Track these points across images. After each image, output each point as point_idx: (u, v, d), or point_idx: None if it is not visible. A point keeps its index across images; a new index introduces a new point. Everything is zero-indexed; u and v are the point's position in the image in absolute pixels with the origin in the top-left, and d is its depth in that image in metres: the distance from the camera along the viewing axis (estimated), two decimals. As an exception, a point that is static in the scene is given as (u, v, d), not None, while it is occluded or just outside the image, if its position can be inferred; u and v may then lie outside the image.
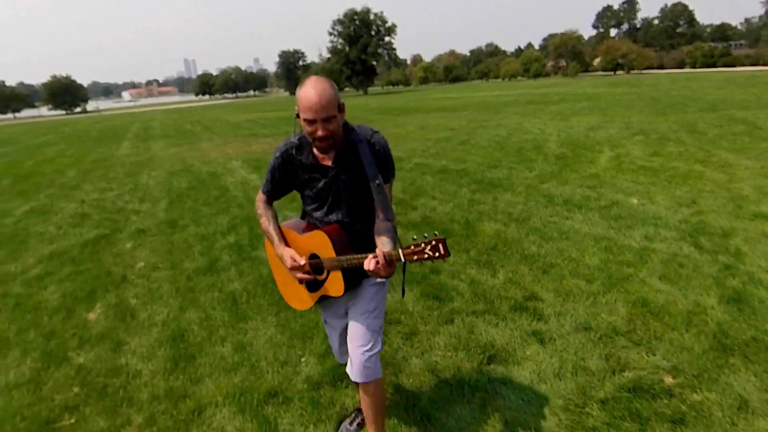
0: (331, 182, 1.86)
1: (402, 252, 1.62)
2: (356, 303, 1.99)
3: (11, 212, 7.69)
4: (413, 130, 14.74)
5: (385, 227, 1.85)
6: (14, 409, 2.67)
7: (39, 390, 2.84)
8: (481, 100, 27.88)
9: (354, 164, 1.83)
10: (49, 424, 2.53)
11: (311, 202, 1.94)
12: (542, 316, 3.17)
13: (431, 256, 1.56)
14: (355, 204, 1.88)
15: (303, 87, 1.69)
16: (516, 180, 7.03)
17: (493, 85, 67.71)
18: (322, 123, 1.68)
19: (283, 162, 1.91)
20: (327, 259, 1.84)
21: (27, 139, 26.72)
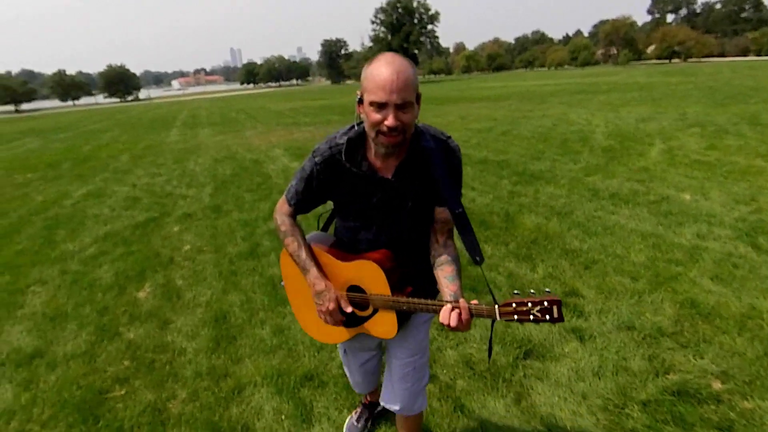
0: (388, 199, 1.46)
1: (499, 310, 1.28)
2: (404, 343, 1.66)
3: (70, 194, 8.17)
4: (454, 120, 14.55)
5: (448, 256, 1.49)
6: (71, 378, 2.87)
7: (93, 362, 3.03)
8: (524, 90, 27.15)
9: (421, 179, 1.44)
10: (102, 393, 2.70)
11: (354, 219, 1.54)
12: (583, 313, 3.09)
13: (538, 319, 1.25)
14: (413, 228, 1.51)
15: (374, 62, 1.30)
16: (559, 172, 6.82)
17: (538, 74, 65.72)
18: (395, 110, 1.27)
19: (324, 170, 1.46)
20: (378, 296, 1.46)
21: (85, 125, 28.23)
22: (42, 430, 2.45)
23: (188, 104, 48.26)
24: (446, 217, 1.51)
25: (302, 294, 1.66)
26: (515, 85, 34.94)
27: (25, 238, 5.84)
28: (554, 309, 1.24)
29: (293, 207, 1.59)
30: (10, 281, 4.47)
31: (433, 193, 1.46)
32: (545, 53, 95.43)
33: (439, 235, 1.53)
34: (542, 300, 1.24)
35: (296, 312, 1.75)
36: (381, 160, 1.43)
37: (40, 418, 2.54)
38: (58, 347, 3.23)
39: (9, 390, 2.80)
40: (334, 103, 28.61)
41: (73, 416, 2.51)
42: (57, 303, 3.93)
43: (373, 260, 1.45)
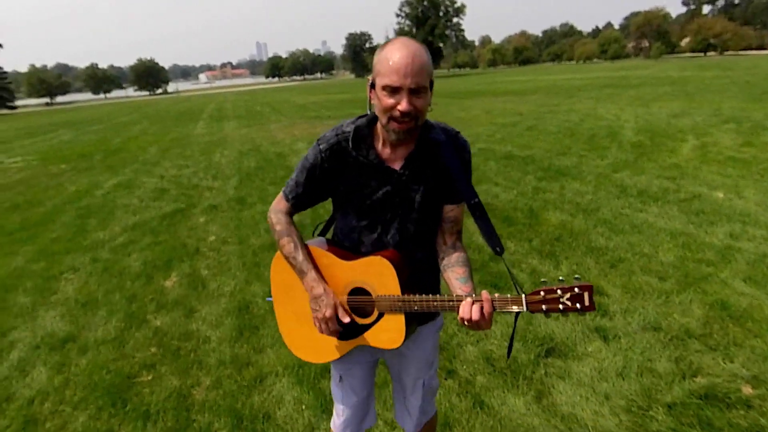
0: (396, 192, 1.36)
1: (526, 300, 1.19)
2: (414, 358, 1.54)
3: (101, 185, 8.42)
4: (479, 114, 14.39)
5: (459, 258, 1.40)
6: (101, 362, 2.97)
7: (122, 347, 3.13)
8: (551, 84, 26.63)
9: (431, 171, 1.36)
10: (130, 378, 2.79)
11: (357, 216, 1.40)
12: (607, 312, 3.03)
13: (569, 308, 1.15)
14: (422, 224, 1.40)
15: (388, 45, 1.24)
16: (586, 168, 6.68)
17: (565, 67, 64.35)
18: (409, 94, 1.20)
19: (330, 158, 1.36)
20: (386, 297, 1.32)
21: (115, 117, 28.99)
22: (74, 411, 2.55)
23: (215, 97, 49.01)
24: (456, 216, 1.43)
25: (294, 305, 1.47)
26: (542, 79, 34.30)
27: (59, 226, 6.05)
28: (585, 296, 1.15)
29: (291, 202, 1.46)
30: (45, 267, 4.65)
31: (444, 186, 1.37)
32: (573, 46, 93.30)
33: (448, 236, 1.43)
34: (572, 287, 1.15)
35: (284, 328, 1.52)
36: (390, 151, 1.35)
37: (72, 400, 2.64)
38: (89, 333, 3.35)
39: (43, 372, 2.92)
40: (356, 96, 28.63)
41: (103, 399, 2.61)
42: (88, 290, 4.06)
43: (383, 257, 1.32)
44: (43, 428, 2.44)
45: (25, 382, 2.85)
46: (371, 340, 1.38)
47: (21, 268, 4.68)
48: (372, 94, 1.29)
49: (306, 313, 1.44)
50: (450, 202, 1.41)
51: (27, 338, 3.34)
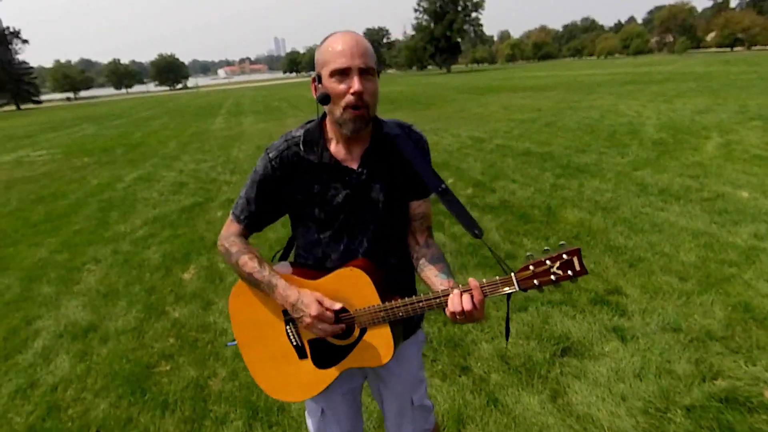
0: (356, 194, 1.26)
1: (516, 278, 1.12)
2: (397, 377, 1.42)
3: (123, 178, 8.59)
4: (496, 110, 14.25)
5: (433, 255, 1.33)
6: (122, 352, 3.04)
7: (141, 337, 3.20)
8: (571, 80, 26.22)
9: (390, 166, 1.28)
10: (149, 368, 2.85)
11: (319, 228, 1.30)
12: (625, 312, 2.98)
13: (561, 277, 1.10)
14: (390, 227, 1.31)
15: (328, 38, 1.21)
16: (606, 166, 6.57)
17: (586, 63, 63.28)
18: (360, 76, 1.15)
19: (281, 166, 1.26)
20: (365, 310, 1.21)
21: (137, 112, 29.49)
22: (95, 398, 2.61)
23: (233, 93, 49.47)
24: (424, 211, 1.36)
25: (265, 343, 1.32)
26: (562, 74, 33.78)
27: (81, 218, 6.20)
28: (575, 261, 1.09)
29: (244, 223, 1.33)
30: (68, 258, 4.77)
31: (406, 181, 1.30)
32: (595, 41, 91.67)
33: (419, 235, 1.36)
34: (560, 254, 1.09)
35: (257, 371, 1.36)
36: (345, 150, 1.26)
37: (93, 388, 2.71)
38: (110, 322, 3.43)
39: (66, 360, 3.00)
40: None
41: (123, 388, 2.67)
42: (109, 281, 4.16)
43: (354, 266, 1.22)
44: (66, 414, 2.51)
45: (48, 369, 2.93)
46: (358, 361, 1.26)
47: (45, 259, 4.81)
48: (316, 92, 1.22)
49: (281, 349, 1.30)
50: (416, 197, 1.34)
51: (51, 327, 3.44)
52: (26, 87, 67.85)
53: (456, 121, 12.23)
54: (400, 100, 21.40)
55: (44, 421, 2.46)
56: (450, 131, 10.71)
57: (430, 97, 22.03)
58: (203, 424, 2.36)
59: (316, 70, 1.22)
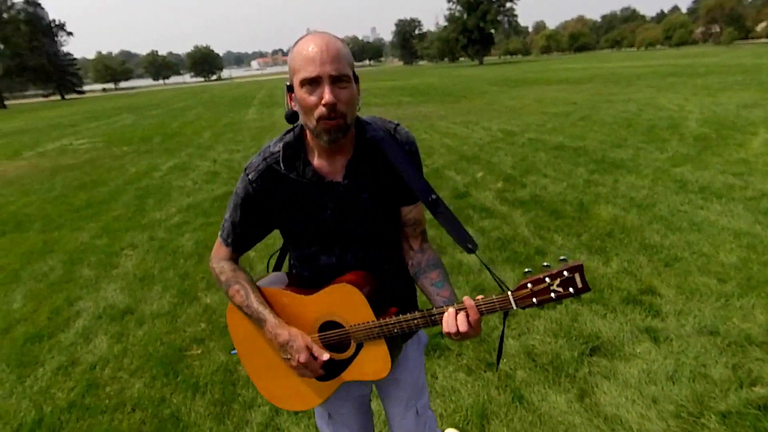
0: (343, 208, 1.21)
1: (513, 297, 1.07)
2: (398, 382, 1.39)
3: (159, 167, 8.86)
4: (529, 103, 13.96)
5: (429, 260, 1.28)
6: (156, 335, 3.15)
7: (174, 321, 3.31)
8: (609, 72, 25.39)
9: (377, 175, 1.21)
10: (181, 351, 2.95)
11: (308, 243, 1.26)
12: (659, 313, 2.89)
13: (562, 295, 1.05)
14: (380, 236, 1.26)
15: (299, 41, 1.12)
16: (643, 161, 6.36)
17: (625, 54, 61.14)
18: (331, 85, 1.07)
19: (263, 186, 1.21)
20: (361, 326, 1.19)
21: (173, 103, 30.28)
22: (130, 378, 2.73)
23: (266, 84, 50.12)
24: (415, 216, 1.29)
25: (263, 356, 1.32)
26: (599, 66, 32.76)
27: (120, 205, 6.43)
28: (576, 278, 1.02)
29: (231, 247, 1.31)
30: (107, 243, 4.97)
31: (395, 188, 1.23)
32: (635, 32, 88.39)
33: (413, 240, 1.30)
34: (560, 270, 1.03)
35: (259, 382, 1.37)
36: (327, 162, 1.19)
37: (129, 368, 2.82)
38: (146, 306, 3.56)
39: (104, 341, 3.14)
40: (404, 84, 28.47)
41: (157, 369, 2.77)
42: (145, 266, 4.31)
43: (347, 282, 1.18)
44: (104, 392, 2.63)
45: (88, 348, 3.07)
46: (355, 374, 1.25)
47: (86, 243, 5.02)
48: (292, 102, 1.15)
49: (278, 362, 1.29)
50: (406, 203, 1.27)
51: (91, 308, 3.59)
52: (70, 78, 70.62)
53: (487, 114, 12.05)
54: (431, 92, 21.22)
55: (84, 398, 2.59)
56: (481, 124, 10.56)
57: (461, 89, 21.75)
58: (232, 407, 2.43)
59: (289, 79, 1.14)
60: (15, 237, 5.43)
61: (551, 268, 1.05)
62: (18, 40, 57.84)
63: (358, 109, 1.18)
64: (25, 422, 2.42)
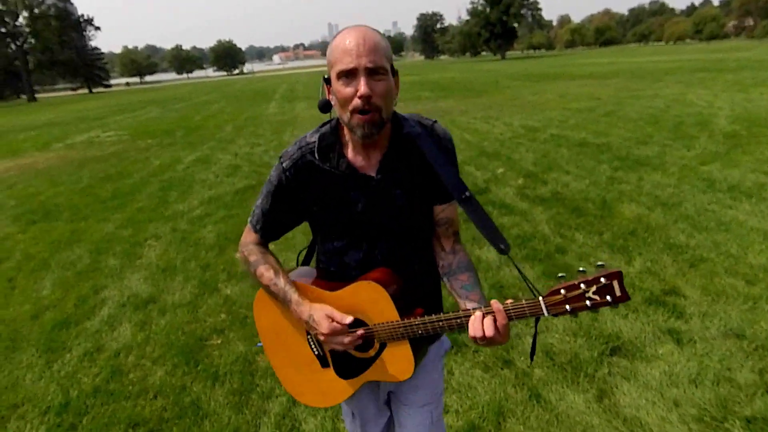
0: (376, 202, 1.19)
1: (545, 303, 1.02)
2: (416, 390, 1.35)
3: (182, 160, 9.01)
4: (552, 98, 13.73)
5: (460, 262, 1.24)
6: (178, 324, 3.22)
7: (195, 311, 3.37)
8: (636, 67, 24.79)
9: (412, 171, 1.20)
10: (201, 340, 3.01)
11: (338, 237, 1.24)
12: (683, 315, 2.83)
13: (598, 303, 0.98)
14: (410, 233, 1.24)
15: (337, 35, 1.12)
16: (669, 159, 6.20)
17: (653, 49, 59.60)
18: (367, 77, 1.05)
19: (296, 176, 1.21)
20: (384, 325, 1.16)
21: (196, 96, 30.72)
22: (153, 366, 2.79)
23: (287, 78, 50.45)
24: (449, 216, 1.26)
25: (288, 351, 1.31)
26: (625, 61, 32.01)
27: (144, 197, 6.57)
28: (614, 285, 0.96)
29: (260, 233, 1.30)
30: (132, 234, 5.08)
31: (429, 186, 1.21)
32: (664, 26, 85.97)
33: (444, 240, 1.27)
34: (597, 277, 0.97)
35: (283, 376, 1.36)
36: (362, 156, 1.18)
37: (151, 356, 2.89)
38: (168, 296, 3.64)
39: (128, 329, 3.22)
40: (425, 78, 28.30)
41: (178, 357, 2.83)
42: (168, 257, 4.40)
43: (373, 280, 1.16)
44: (127, 378, 2.70)
45: (112, 336, 3.16)
46: (378, 375, 1.23)
47: (112, 234, 5.15)
48: (330, 95, 1.14)
49: (302, 357, 1.29)
50: (439, 201, 1.24)
51: (115, 297, 3.69)
52: (98, 72, 72.23)
53: (509, 110, 11.89)
54: (451, 87, 21.05)
55: (108, 383, 2.66)
56: (502, 120, 10.44)
57: (482, 84, 21.52)
58: (250, 397, 2.47)
59: (327, 72, 1.13)
60: (44, 226, 5.61)
61: (587, 274, 0.99)
62: (48, 35, 59.38)
63: (395, 104, 1.16)
64: (53, 405, 2.51)
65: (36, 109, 34.64)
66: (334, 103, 1.13)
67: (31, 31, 59.46)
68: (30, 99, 54.20)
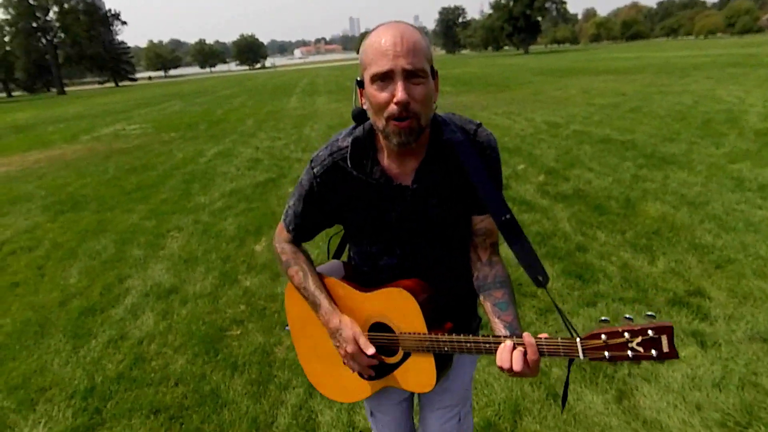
0: (410, 212, 1.14)
1: (582, 345, 0.95)
2: (445, 390, 1.33)
3: (204, 153, 9.15)
4: (576, 93, 13.48)
5: (496, 277, 1.16)
6: (198, 314, 3.28)
7: (216, 302, 3.43)
8: (663, 61, 24.14)
9: (450, 182, 1.13)
10: (221, 331, 3.06)
11: (370, 243, 1.22)
12: (707, 317, 2.76)
13: (641, 356, 0.90)
14: (447, 244, 1.19)
15: (372, 32, 1.04)
16: (696, 157, 6.03)
17: (682, 43, 57.91)
18: (405, 80, 0.97)
19: (326, 183, 1.16)
20: (410, 336, 1.13)
21: (219, 90, 31.10)
22: (174, 354, 2.86)
23: (308, 72, 50.67)
24: (487, 227, 1.18)
25: (313, 341, 1.32)
26: (652, 56, 31.19)
27: (167, 189, 6.70)
28: (663, 341, 0.88)
29: (293, 234, 1.28)
30: (155, 225, 5.19)
31: (467, 196, 1.13)
32: (694, 19, 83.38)
33: (481, 251, 1.19)
34: (644, 328, 0.89)
35: (306, 365, 1.38)
36: (397, 163, 1.12)
37: (173, 344, 2.96)
38: (189, 286, 3.71)
39: (150, 318, 3.30)
40: (446, 73, 28.06)
41: (198, 347, 2.89)
42: (190, 248, 4.48)
43: (404, 287, 1.12)
44: (150, 366, 2.77)
45: (136, 324, 3.24)
46: (399, 382, 1.20)
47: (136, 224, 5.27)
48: (363, 99, 1.06)
49: (326, 350, 1.27)
50: (478, 212, 1.17)
51: (139, 286, 3.78)
52: (124, 66, 73.76)
53: (531, 105, 11.72)
54: (473, 82, 20.84)
55: (131, 370, 2.74)
56: (524, 115, 10.30)
57: (504, 79, 21.25)
58: (268, 387, 2.51)
59: (360, 73, 1.04)
60: (72, 216, 5.77)
61: (633, 324, 0.91)
62: (77, 29, 60.83)
63: (435, 108, 1.07)
64: (79, 390, 2.59)
65: (65, 102, 35.59)
66: (368, 108, 1.05)
67: (61, 26, 61.01)
68: (59, 92, 55.72)
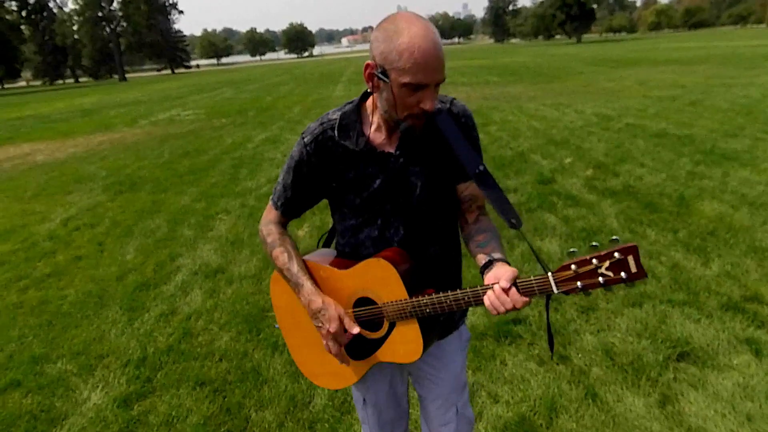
0: (393, 179, 1.19)
1: (554, 279, 0.98)
2: (441, 379, 1.36)
3: (253, 139, 9.42)
4: (630, 85, 12.86)
5: (480, 226, 1.22)
6: (243, 294, 3.42)
7: (259, 283, 3.56)
8: (728, 52, 22.58)
9: (430, 148, 1.19)
10: (264, 311, 3.18)
11: (354, 215, 1.25)
12: (764, 324, 2.61)
13: (611, 280, 0.94)
14: (428, 213, 1.22)
15: (404, 32, 1.03)
16: (761, 154, 5.65)
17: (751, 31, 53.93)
18: (436, 89, 1.09)
19: (316, 151, 1.21)
20: (393, 303, 1.15)
21: (268, 78, 31.78)
22: (219, 331, 3.00)
23: (354, 61, 50.80)
24: (473, 192, 1.23)
25: (300, 328, 1.32)
26: (716, 45, 29.23)
27: (217, 173, 6.96)
28: (630, 261, 0.91)
29: (281, 210, 1.31)
30: (205, 207, 5.42)
31: (449, 163, 1.19)
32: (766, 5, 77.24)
33: (468, 215, 1.25)
34: (611, 252, 0.91)
35: (297, 356, 1.38)
36: (383, 135, 1.19)
37: (218, 321, 3.10)
38: (235, 267, 3.86)
39: (199, 295, 3.46)
40: (494, 63, 27.43)
41: (242, 325, 3.02)
42: (237, 230, 4.65)
43: (383, 257, 1.15)
44: (197, 341, 2.92)
45: (185, 300, 3.41)
46: (387, 355, 1.22)
47: (187, 206, 5.52)
48: (378, 84, 1.09)
49: (315, 338, 1.28)
50: (462, 180, 1.23)
51: (189, 265, 3.97)
52: (180, 53, 76.61)
53: (581, 97, 11.29)
54: (521, 72, 20.28)
55: (180, 344, 2.89)
56: (573, 107, 9.94)
57: (555, 69, 20.54)
58: (306, 368, 2.59)
59: (379, 60, 1.06)
60: (130, 196, 6.11)
61: (599, 249, 0.93)
62: (138, 18, 63.67)
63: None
64: (132, 359, 2.77)
65: (126, 88, 37.43)
66: (385, 98, 1.09)
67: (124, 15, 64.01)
68: (121, 78, 58.70)
